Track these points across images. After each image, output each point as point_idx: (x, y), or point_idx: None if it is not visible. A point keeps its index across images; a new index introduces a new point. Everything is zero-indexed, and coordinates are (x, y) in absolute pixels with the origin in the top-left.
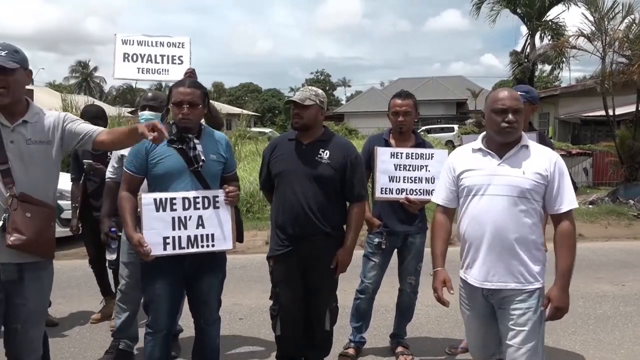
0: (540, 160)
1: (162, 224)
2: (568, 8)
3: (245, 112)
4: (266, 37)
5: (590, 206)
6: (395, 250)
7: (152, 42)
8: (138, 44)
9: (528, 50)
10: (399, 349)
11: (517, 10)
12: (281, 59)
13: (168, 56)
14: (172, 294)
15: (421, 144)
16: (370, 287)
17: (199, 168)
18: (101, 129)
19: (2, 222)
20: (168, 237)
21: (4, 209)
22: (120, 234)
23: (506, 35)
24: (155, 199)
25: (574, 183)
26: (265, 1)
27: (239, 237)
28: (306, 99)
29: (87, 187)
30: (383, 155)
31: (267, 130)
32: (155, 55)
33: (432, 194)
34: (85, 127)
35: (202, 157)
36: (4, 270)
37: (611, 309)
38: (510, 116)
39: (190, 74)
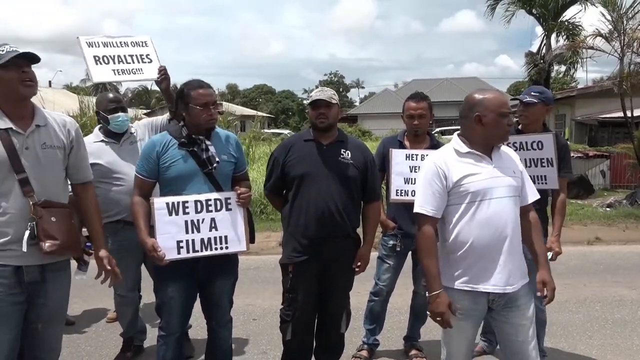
0: (512, 157)
1: (175, 227)
2: (585, 8)
3: (259, 113)
4: (279, 38)
5: (608, 209)
6: (410, 252)
7: (116, 42)
8: (104, 46)
9: (544, 51)
10: (413, 351)
11: (533, 11)
12: (294, 60)
13: (137, 55)
14: (185, 297)
15: (436, 145)
16: (384, 289)
17: (213, 169)
18: (91, 179)
19: (29, 230)
20: (182, 241)
21: (29, 217)
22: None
23: (521, 36)
24: (167, 203)
25: (590, 186)
26: (278, 3)
27: (250, 238)
28: (331, 97)
29: None
30: (398, 157)
31: (285, 131)
32: (125, 56)
33: None
34: (86, 165)
35: (217, 159)
36: (28, 272)
37: (629, 313)
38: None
39: (164, 72)
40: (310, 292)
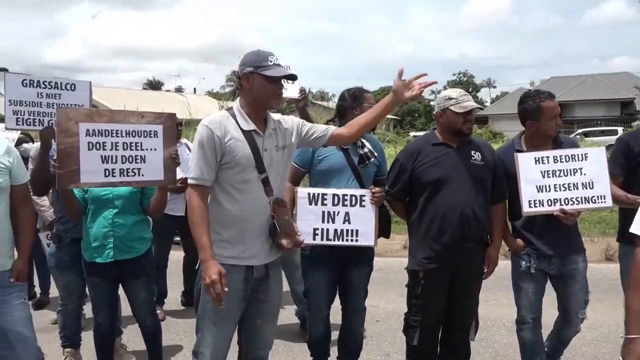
0: None
1: (314, 216)
2: None
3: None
4: (407, 39)
5: None
6: (548, 277)
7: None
8: None
9: None
10: None
11: None
12: (422, 60)
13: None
14: (329, 281)
15: (562, 143)
16: (526, 316)
17: (367, 164)
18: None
19: (269, 228)
20: (317, 229)
21: (270, 215)
22: None
23: None
24: (309, 193)
25: None
26: (406, 4)
27: (386, 233)
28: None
29: None
30: (526, 162)
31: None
32: None
33: (592, 202)
34: (320, 126)
35: (375, 154)
36: (257, 269)
37: None
38: None
39: (303, 92)
40: (440, 298)
